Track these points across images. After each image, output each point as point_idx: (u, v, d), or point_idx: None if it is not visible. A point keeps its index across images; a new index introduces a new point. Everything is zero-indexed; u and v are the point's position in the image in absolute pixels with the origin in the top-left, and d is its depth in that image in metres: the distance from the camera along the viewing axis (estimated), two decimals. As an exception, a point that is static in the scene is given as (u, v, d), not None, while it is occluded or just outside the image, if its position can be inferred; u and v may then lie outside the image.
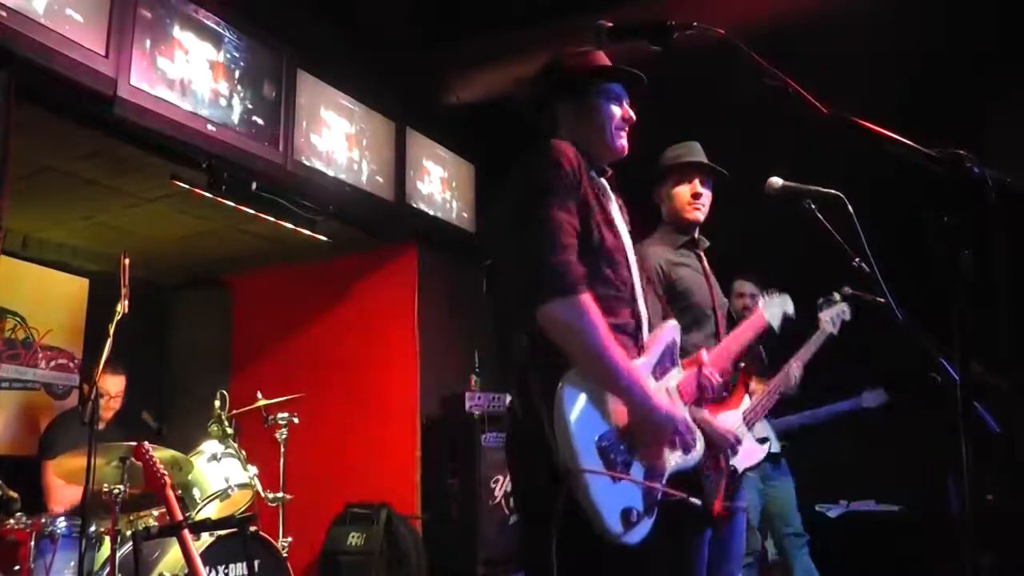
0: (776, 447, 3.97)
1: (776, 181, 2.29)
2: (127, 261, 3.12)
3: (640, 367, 1.79)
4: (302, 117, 4.10)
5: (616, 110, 1.95)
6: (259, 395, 4.18)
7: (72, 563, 3.12)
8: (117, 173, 3.96)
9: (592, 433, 1.64)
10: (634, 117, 1.98)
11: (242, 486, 3.71)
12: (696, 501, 1.81)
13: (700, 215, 2.75)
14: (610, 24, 1.64)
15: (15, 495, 3.14)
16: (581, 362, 1.65)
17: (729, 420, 2.68)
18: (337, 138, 4.35)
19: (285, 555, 3.80)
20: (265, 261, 5.38)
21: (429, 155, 5.12)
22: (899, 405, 3.98)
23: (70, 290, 5.21)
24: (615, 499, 1.63)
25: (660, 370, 1.88)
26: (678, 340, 1.96)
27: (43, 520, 3.19)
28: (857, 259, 2.09)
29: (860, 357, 4.35)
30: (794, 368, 3.12)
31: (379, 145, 4.67)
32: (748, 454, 2.72)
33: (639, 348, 1.85)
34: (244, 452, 3.81)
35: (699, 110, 4.06)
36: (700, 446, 1.88)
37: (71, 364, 5.12)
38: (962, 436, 1.31)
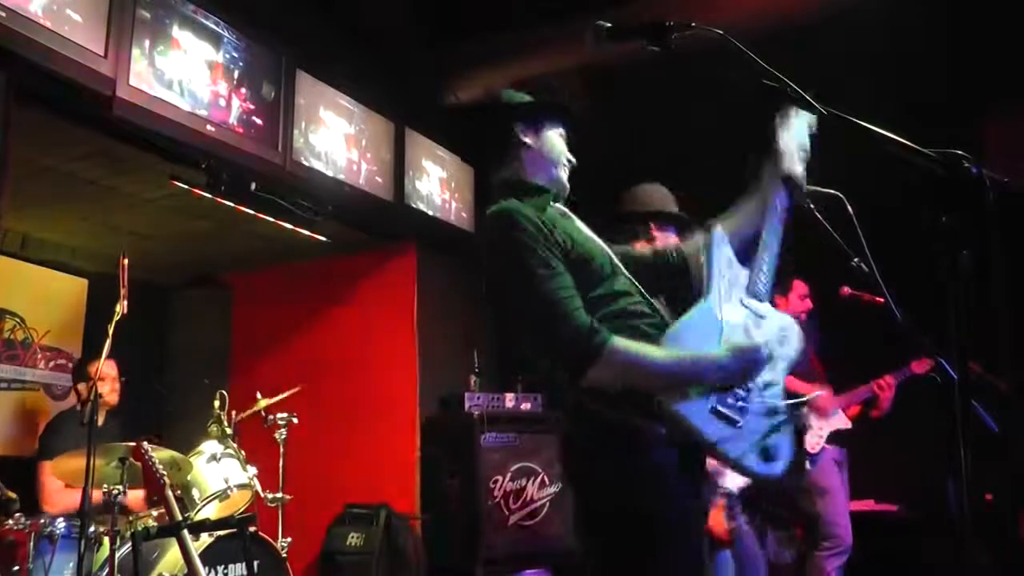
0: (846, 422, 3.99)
1: (775, 181, 2.28)
2: (126, 261, 3.12)
3: (694, 320, 1.76)
4: (301, 117, 4.10)
5: (556, 146, 1.98)
6: (258, 395, 4.18)
7: (71, 564, 3.12)
8: (116, 173, 3.96)
9: (702, 408, 1.65)
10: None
11: (241, 486, 3.70)
12: (810, 396, 1.85)
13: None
14: (609, 25, 1.64)
15: (14, 496, 3.13)
16: (650, 390, 1.66)
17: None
18: (336, 138, 4.35)
19: (284, 555, 3.80)
20: (264, 261, 5.38)
21: (428, 155, 5.12)
22: (898, 404, 3.98)
23: (69, 290, 5.21)
24: (748, 442, 1.66)
25: (724, 286, 1.84)
26: (724, 243, 1.89)
27: (42, 521, 3.19)
28: (856, 259, 2.09)
29: (857, 356, 4.37)
30: None
31: (378, 145, 4.67)
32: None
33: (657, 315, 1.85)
34: (243, 452, 3.81)
35: (698, 110, 4.08)
36: (794, 335, 1.85)
37: (70, 364, 5.11)
38: (960, 436, 1.31)
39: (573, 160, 2.00)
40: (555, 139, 1.99)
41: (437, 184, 5.18)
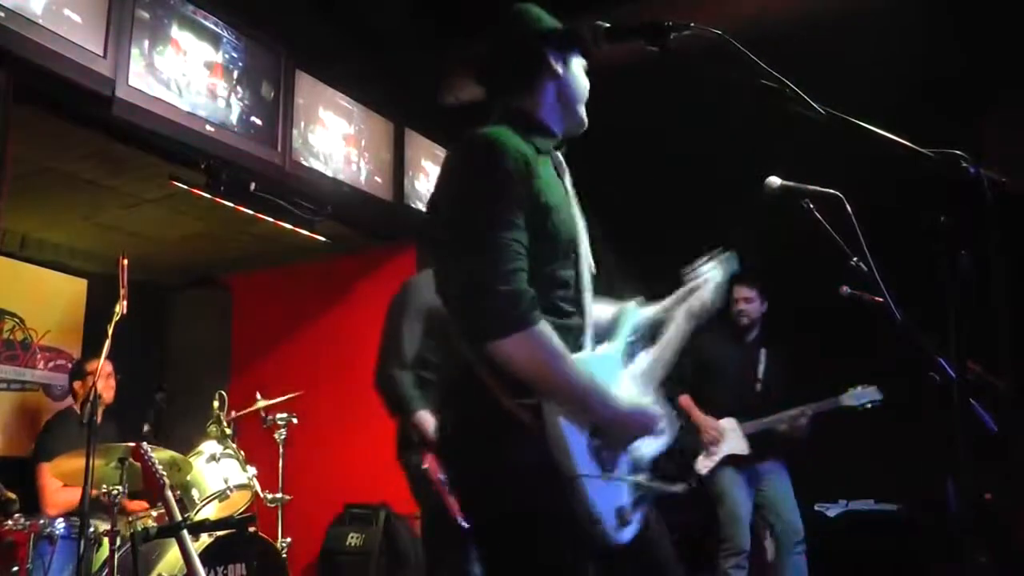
0: (744, 449, 3.94)
1: (774, 181, 2.29)
2: (125, 262, 3.12)
3: (601, 359, 1.69)
4: (300, 117, 4.10)
5: (582, 80, 1.81)
6: (258, 395, 4.18)
7: (71, 564, 3.12)
8: (115, 173, 3.96)
9: (582, 438, 1.57)
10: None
11: (241, 487, 3.70)
12: (677, 488, 1.79)
13: None
14: (607, 25, 1.64)
15: (13, 496, 3.13)
16: (542, 391, 1.54)
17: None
18: (335, 138, 4.35)
19: (284, 556, 3.80)
20: (264, 261, 5.38)
21: (428, 155, 5.12)
22: (898, 404, 3.98)
23: (69, 291, 5.21)
24: (610, 501, 1.58)
25: (628, 356, 1.79)
26: (640, 321, 1.85)
27: (41, 521, 3.19)
28: (855, 259, 2.09)
29: (857, 356, 4.37)
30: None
31: (377, 145, 4.67)
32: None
33: (587, 339, 1.72)
34: (243, 453, 3.81)
35: (697, 110, 4.07)
36: (671, 430, 1.79)
37: (69, 365, 5.11)
38: (959, 435, 1.31)
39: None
40: (581, 71, 1.81)
41: (437, 184, 5.17)
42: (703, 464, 3.96)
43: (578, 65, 1.81)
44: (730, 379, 4.05)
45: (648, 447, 1.74)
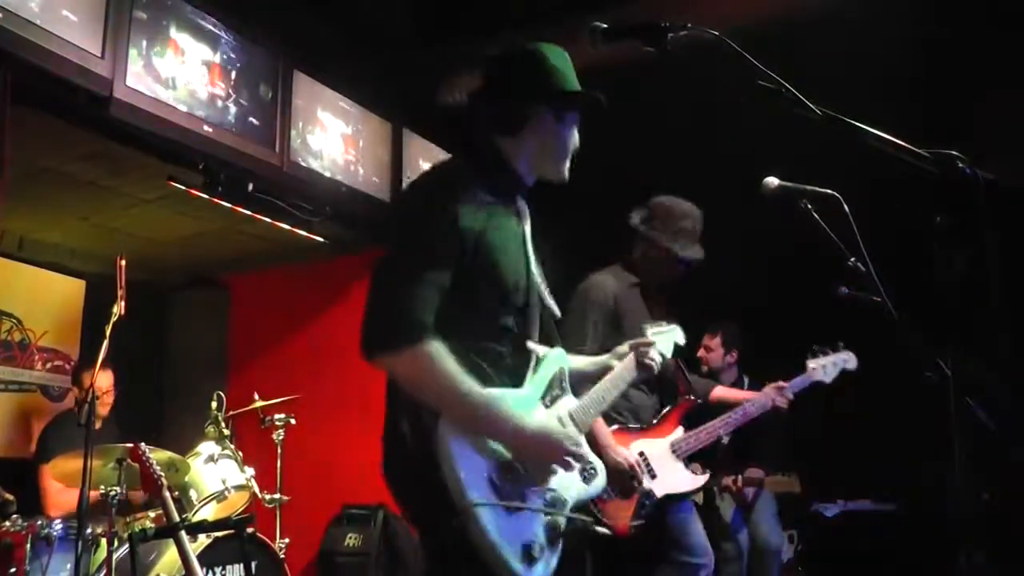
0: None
1: (772, 181, 2.29)
2: (123, 262, 3.12)
3: (515, 396, 1.68)
4: (298, 118, 4.10)
5: (572, 140, 1.81)
6: (256, 396, 4.18)
7: (68, 566, 3.11)
8: (114, 174, 3.96)
9: (480, 468, 1.56)
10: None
11: (239, 487, 3.70)
12: (604, 529, 1.76)
13: (661, 287, 3.01)
14: (605, 25, 1.64)
15: (11, 497, 3.13)
16: (434, 409, 1.57)
17: (650, 447, 2.80)
18: (333, 139, 4.35)
19: (282, 556, 3.80)
20: (262, 262, 5.37)
21: (426, 156, 5.12)
22: (896, 404, 3.98)
23: (67, 291, 5.20)
24: (514, 534, 1.55)
25: (549, 398, 1.79)
26: (566, 368, 1.87)
27: (39, 523, 3.18)
28: (853, 259, 2.09)
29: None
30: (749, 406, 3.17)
31: (375, 146, 4.67)
32: (674, 481, 2.81)
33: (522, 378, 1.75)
34: (241, 453, 3.80)
35: (696, 110, 4.08)
36: (602, 474, 1.84)
37: (67, 366, 5.11)
38: (957, 435, 1.31)
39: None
40: (573, 131, 1.81)
41: (435, 184, 5.17)
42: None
43: (571, 124, 1.81)
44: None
45: (571, 489, 1.73)
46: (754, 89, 1.41)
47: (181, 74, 3.48)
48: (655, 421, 2.94)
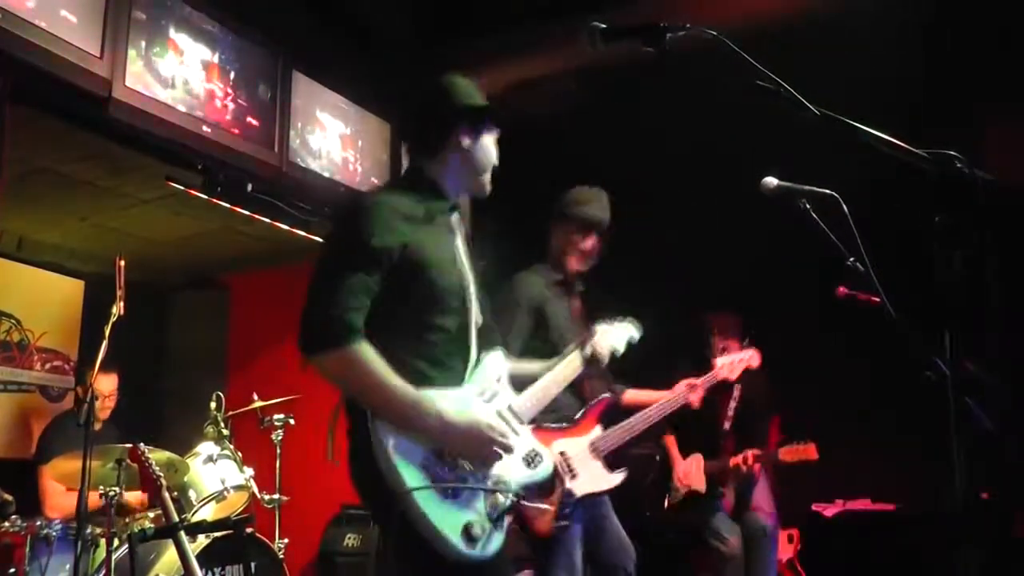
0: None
1: (771, 181, 2.29)
2: (122, 263, 3.12)
3: (452, 395, 1.81)
4: (297, 118, 4.10)
5: (489, 155, 2.00)
6: (255, 396, 4.18)
7: (67, 566, 3.12)
8: (112, 174, 3.96)
9: (415, 456, 1.68)
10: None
11: (238, 488, 3.70)
12: (545, 506, 1.90)
13: (583, 268, 3.01)
14: (603, 26, 1.64)
15: (10, 498, 3.13)
16: (367, 405, 1.71)
17: (570, 447, 2.81)
18: (332, 139, 4.35)
19: (281, 556, 3.80)
20: (261, 262, 5.37)
21: (425, 156, 5.12)
22: (895, 404, 3.99)
23: (66, 292, 5.20)
24: (454, 516, 1.67)
25: (489, 394, 1.93)
26: (504, 367, 2.01)
27: (38, 523, 3.18)
28: (852, 258, 2.09)
29: (855, 356, 4.37)
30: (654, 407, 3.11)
31: (374, 146, 4.67)
32: (593, 480, 2.80)
33: (462, 377, 1.90)
34: (240, 454, 3.80)
35: (695, 110, 4.08)
36: (547, 460, 1.97)
37: (66, 366, 5.11)
38: (955, 434, 1.31)
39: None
40: (491, 145, 2.00)
41: (434, 185, 5.17)
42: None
43: (489, 139, 2.00)
44: (702, 419, 3.85)
45: (513, 473, 1.86)
46: (753, 89, 1.41)
47: (180, 74, 3.48)
48: (577, 418, 2.93)
